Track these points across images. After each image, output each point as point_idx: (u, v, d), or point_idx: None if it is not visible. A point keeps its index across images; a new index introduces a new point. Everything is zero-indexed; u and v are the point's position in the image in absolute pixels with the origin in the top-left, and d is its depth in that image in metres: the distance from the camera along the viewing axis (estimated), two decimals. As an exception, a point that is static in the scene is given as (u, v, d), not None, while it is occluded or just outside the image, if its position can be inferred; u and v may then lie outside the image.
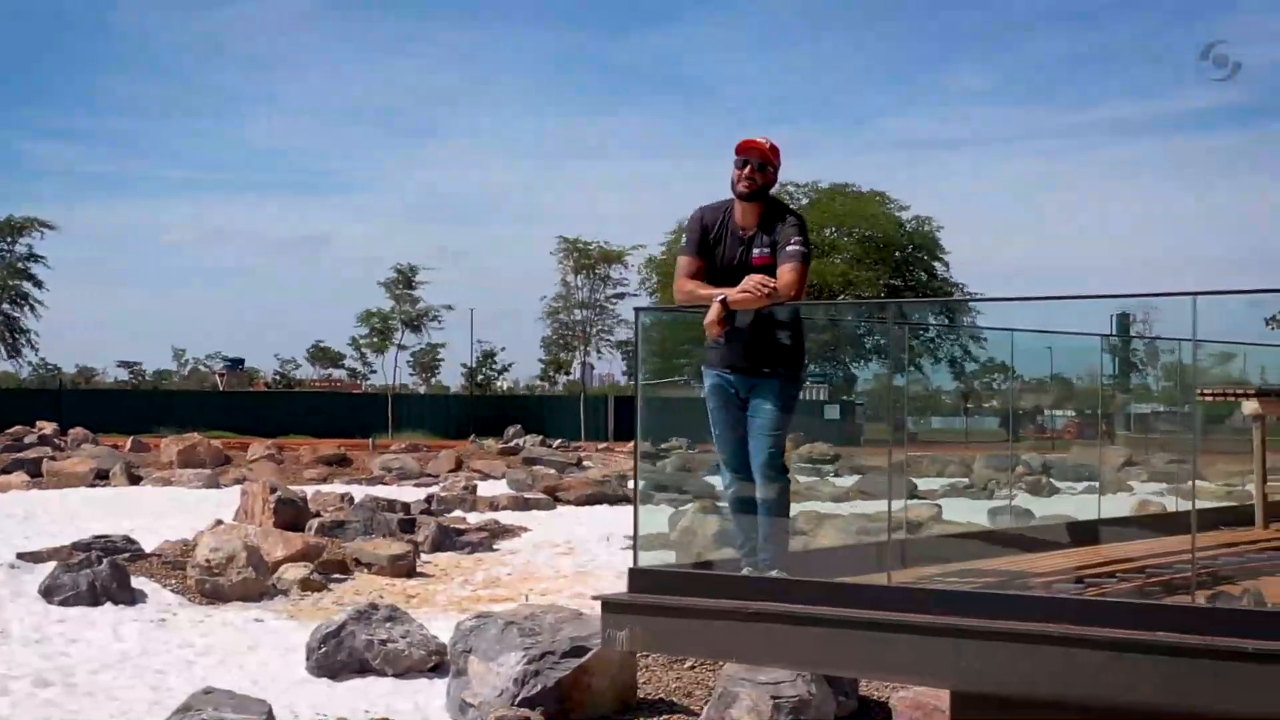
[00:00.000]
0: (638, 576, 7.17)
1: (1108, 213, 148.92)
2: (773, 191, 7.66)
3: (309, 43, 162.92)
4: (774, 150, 7.52)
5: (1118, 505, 14.27)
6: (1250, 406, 9.49)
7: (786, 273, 7.27)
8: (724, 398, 7.61)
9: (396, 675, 11.84)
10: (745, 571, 7.22)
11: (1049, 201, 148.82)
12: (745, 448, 7.55)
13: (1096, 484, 17.93)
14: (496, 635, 10.56)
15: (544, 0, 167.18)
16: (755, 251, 7.43)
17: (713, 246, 7.57)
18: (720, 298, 7.33)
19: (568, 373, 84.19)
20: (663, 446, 49.95)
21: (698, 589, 6.95)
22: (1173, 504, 14.29)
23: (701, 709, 10.52)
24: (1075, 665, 5.66)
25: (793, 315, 7.51)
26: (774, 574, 7.15)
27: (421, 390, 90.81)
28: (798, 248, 7.34)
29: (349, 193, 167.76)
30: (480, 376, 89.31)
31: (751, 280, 7.27)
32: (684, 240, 7.74)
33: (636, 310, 9.00)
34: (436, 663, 12.00)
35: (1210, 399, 9.29)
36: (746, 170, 7.45)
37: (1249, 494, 12.94)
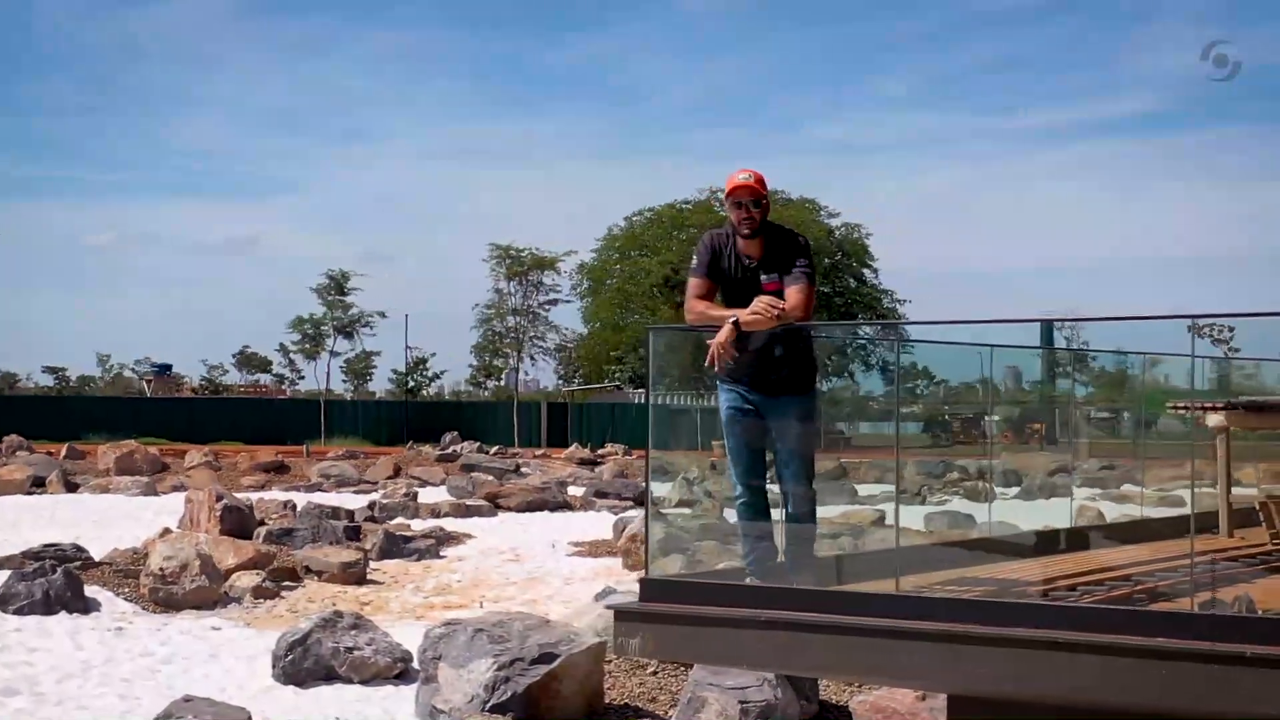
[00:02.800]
0: (650, 586, 7.35)
1: (1032, 217, 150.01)
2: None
3: (231, 44, 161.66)
4: (760, 181, 7.79)
5: (1053, 511, 14.56)
6: (1215, 419, 9.79)
7: (794, 294, 7.56)
8: (741, 410, 7.84)
9: (362, 682, 11.95)
10: (750, 581, 7.43)
11: (974, 207, 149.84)
12: (759, 460, 7.80)
13: (1021, 488, 18.29)
14: (466, 642, 10.71)
15: (469, 3, 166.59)
16: (763, 278, 7.71)
17: (723, 272, 7.83)
18: (733, 320, 7.57)
19: (498, 379, 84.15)
20: (600, 453, 50.14)
21: (708, 598, 7.14)
22: (1109, 510, 14.66)
23: (667, 713, 10.72)
24: (1077, 670, 5.89)
25: (805, 334, 7.78)
26: (805, 583, 7.40)
27: (349, 396, 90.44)
28: (803, 269, 7.63)
29: (275, 197, 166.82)
30: (411, 383, 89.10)
31: (761, 302, 7.53)
32: (694, 263, 7.97)
33: (649, 329, 9.24)
34: (402, 670, 12.13)
35: (1179, 412, 9.56)
36: (744, 212, 7.73)
37: (1182, 500, 13.27)
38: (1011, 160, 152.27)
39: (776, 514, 7.88)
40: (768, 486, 7.92)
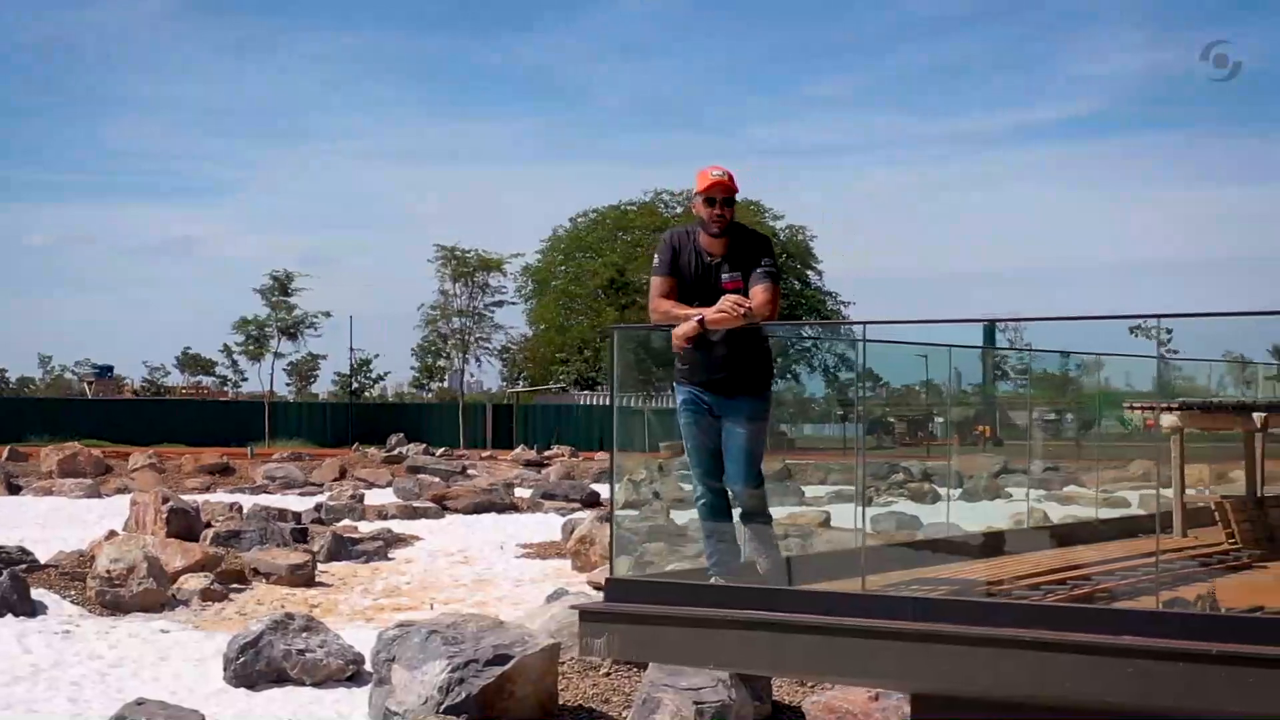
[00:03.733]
0: (616, 586, 7.37)
1: (972, 221, 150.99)
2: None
3: (169, 44, 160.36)
4: (732, 179, 7.81)
5: (997, 511, 14.68)
6: (1170, 419, 9.89)
7: (760, 293, 7.57)
8: (697, 411, 7.85)
9: (315, 685, 11.91)
10: (713, 580, 7.45)
11: (913, 210, 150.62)
12: (718, 460, 7.81)
13: (964, 490, 18.42)
14: (420, 644, 10.69)
15: (408, 4, 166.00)
16: (725, 276, 7.71)
17: (683, 270, 7.83)
18: (698, 317, 7.59)
19: (441, 380, 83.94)
20: (546, 454, 50.07)
21: (675, 597, 7.16)
22: (1054, 511, 14.78)
23: (621, 714, 10.74)
24: (1047, 668, 5.95)
25: (761, 334, 7.79)
26: (771, 580, 7.43)
27: (292, 398, 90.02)
28: (769, 269, 7.66)
29: (215, 197, 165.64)
30: (354, 384, 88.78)
31: (727, 301, 7.55)
32: (655, 262, 7.97)
33: (613, 328, 9.26)
34: (354, 672, 12.10)
35: (1136, 411, 9.67)
36: (716, 210, 7.74)
37: (1126, 500, 13.41)
38: (951, 164, 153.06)
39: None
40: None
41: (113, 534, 19.87)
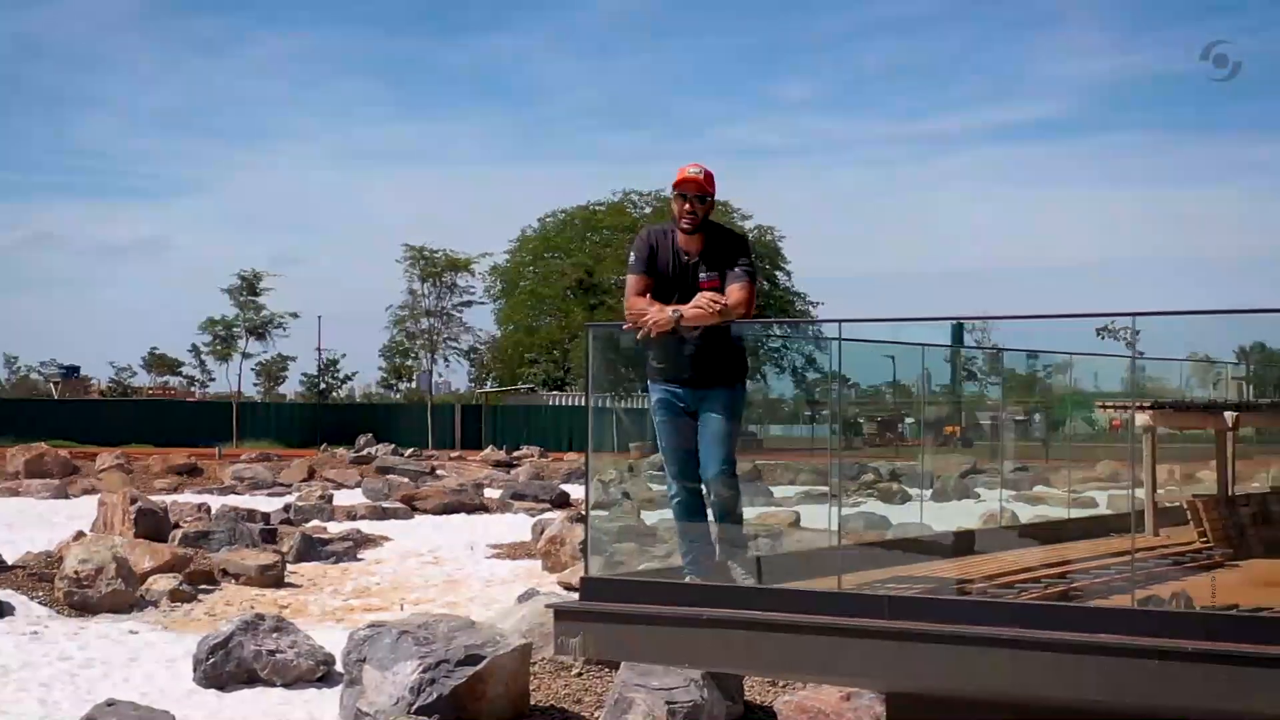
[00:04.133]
0: (591, 585, 7.37)
1: (938, 220, 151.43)
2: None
3: (133, 43, 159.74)
4: (709, 178, 7.82)
5: (967, 511, 14.74)
6: (1142, 419, 9.94)
7: (736, 291, 7.60)
8: (671, 410, 7.85)
9: (285, 685, 11.88)
10: (688, 579, 7.46)
11: (880, 211, 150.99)
12: (693, 459, 7.81)
13: (934, 490, 18.47)
14: (391, 644, 10.67)
15: (375, 5, 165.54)
16: (702, 275, 7.73)
17: (660, 268, 7.84)
18: (675, 314, 7.61)
19: (409, 380, 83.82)
20: (515, 455, 50.01)
21: (651, 597, 7.16)
22: (1023, 511, 14.84)
23: (593, 714, 10.74)
24: (1022, 667, 5.98)
25: (737, 331, 7.81)
26: (740, 577, 7.43)
27: (260, 399, 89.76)
28: (745, 267, 7.69)
29: (182, 198, 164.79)
30: (322, 385, 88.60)
31: (704, 298, 7.57)
32: (632, 259, 7.98)
33: (587, 326, 9.21)
34: (324, 673, 12.08)
35: (1109, 411, 9.73)
36: (687, 206, 7.75)
37: (1094, 500, 13.47)
38: (918, 164, 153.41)
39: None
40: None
41: (81, 535, 19.78)
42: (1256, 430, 12.32)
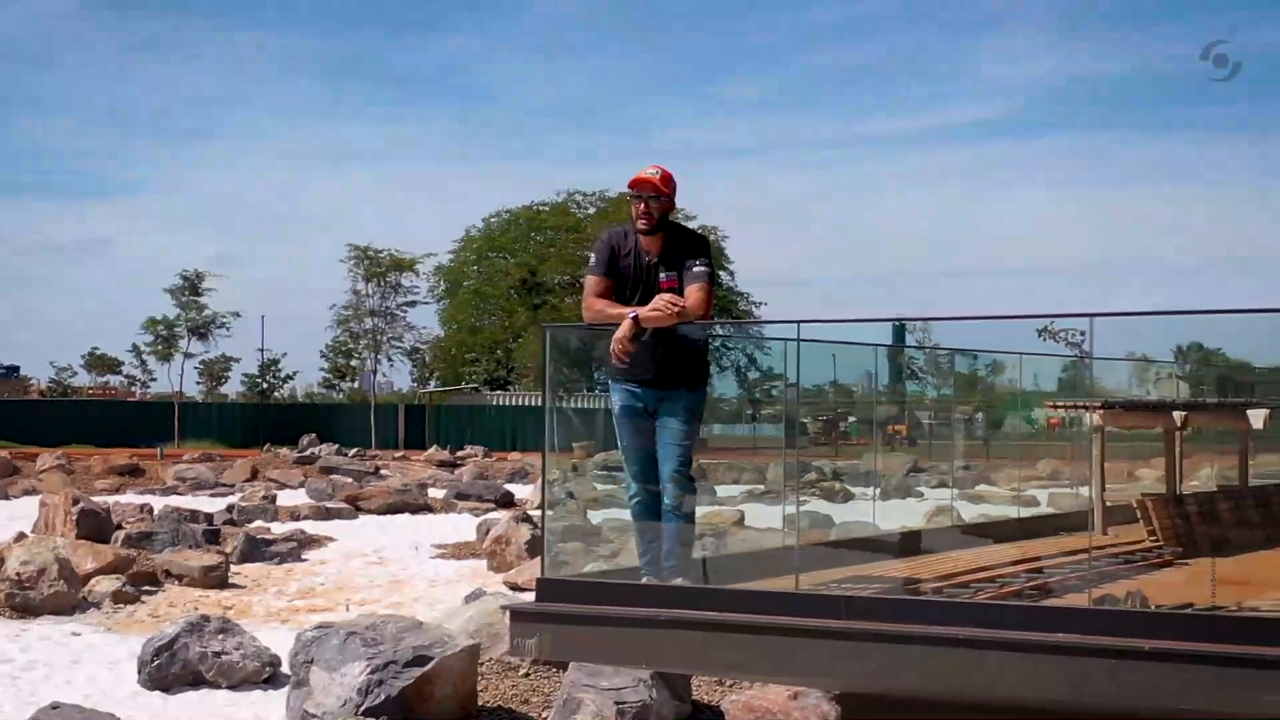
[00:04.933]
0: (547, 586, 7.35)
1: (878, 222, 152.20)
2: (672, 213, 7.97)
3: (75, 41, 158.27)
4: (665, 179, 7.81)
5: (909, 510, 14.80)
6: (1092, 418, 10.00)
7: (694, 292, 7.60)
8: (632, 411, 7.84)
9: (231, 687, 11.80)
10: (645, 580, 7.46)
11: (825, 212, 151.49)
12: (653, 460, 7.81)
13: (879, 489, 18.53)
14: (339, 645, 10.62)
15: (319, 3, 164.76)
16: (662, 276, 7.73)
17: (621, 268, 7.84)
18: (631, 315, 7.61)
19: (351, 380, 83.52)
20: (459, 455, 49.89)
21: (607, 598, 7.16)
22: (966, 510, 14.92)
23: (541, 715, 10.72)
24: (979, 666, 6.00)
25: (698, 332, 7.82)
26: (679, 582, 7.41)
27: (202, 399, 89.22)
28: (704, 269, 7.70)
29: (122, 197, 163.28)
30: (264, 385, 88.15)
31: (661, 300, 7.58)
32: (592, 261, 7.98)
33: (544, 327, 9.20)
34: (270, 674, 12.01)
35: (1056, 410, 9.79)
36: (642, 207, 7.76)
37: (1036, 499, 13.57)
38: (860, 166, 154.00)
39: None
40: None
41: (22, 536, 19.56)
42: (1196, 430, 12.45)
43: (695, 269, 7.71)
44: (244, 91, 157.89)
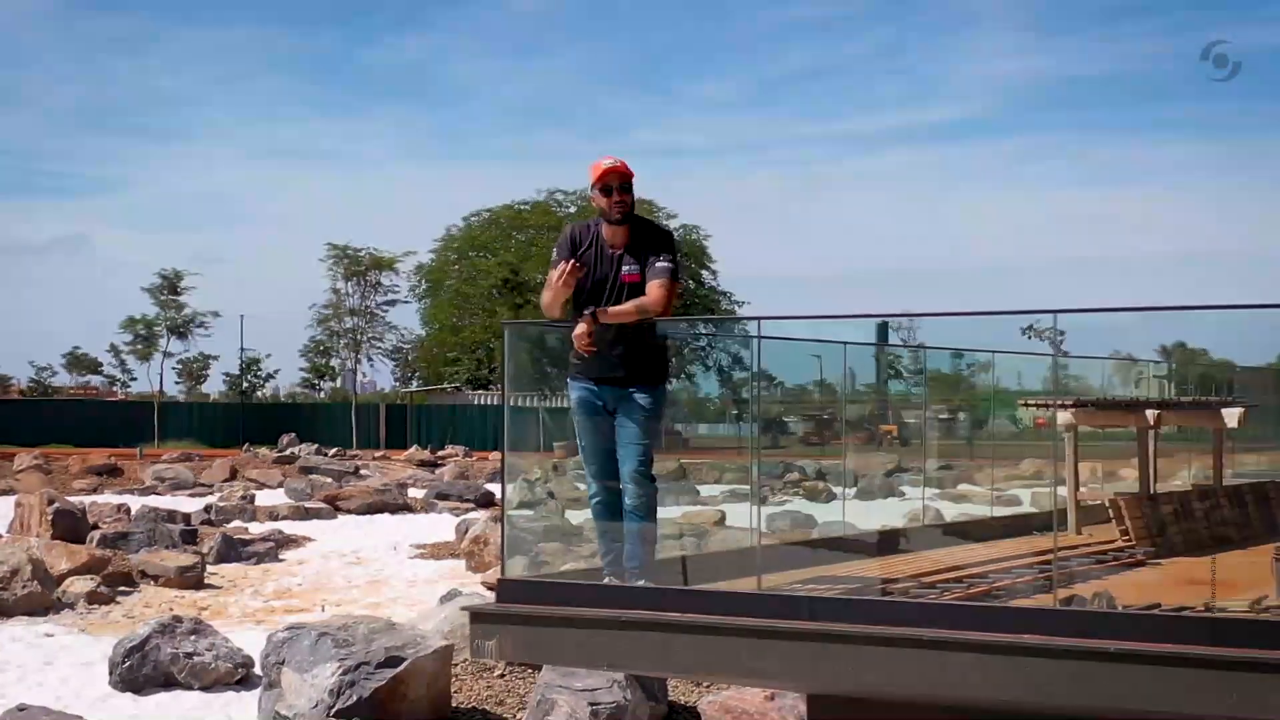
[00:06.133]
0: (507, 587, 7.27)
1: (854, 222, 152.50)
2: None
3: (48, 40, 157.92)
4: (626, 167, 7.70)
5: (891, 510, 14.75)
6: (1064, 417, 9.94)
7: (655, 288, 7.48)
8: (591, 409, 7.74)
9: (203, 688, 11.71)
10: (608, 580, 7.37)
11: (799, 211, 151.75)
12: (612, 458, 7.71)
13: (859, 488, 18.52)
14: (310, 646, 10.53)
15: (289, 2, 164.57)
16: (624, 269, 7.62)
17: (583, 262, 7.72)
18: (588, 311, 7.52)
19: (332, 380, 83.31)
20: (440, 454, 49.78)
21: (568, 598, 7.07)
22: (947, 510, 14.86)
23: (515, 716, 10.65)
24: (944, 667, 5.93)
25: (657, 329, 7.70)
26: (641, 582, 7.32)
27: (182, 398, 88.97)
28: (667, 264, 7.56)
29: (99, 196, 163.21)
30: (245, 384, 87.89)
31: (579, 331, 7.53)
32: (554, 255, 7.89)
33: (504, 324, 9.12)
34: (243, 675, 11.92)
35: (1030, 408, 9.72)
36: (614, 197, 7.64)
37: (1018, 499, 13.51)
38: (837, 164, 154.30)
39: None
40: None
41: (-4, 536, 19.49)
42: (1179, 428, 12.40)
43: (658, 264, 7.59)
44: (220, 89, 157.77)
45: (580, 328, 7.53)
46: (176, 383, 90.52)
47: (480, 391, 75.27)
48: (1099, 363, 11.87)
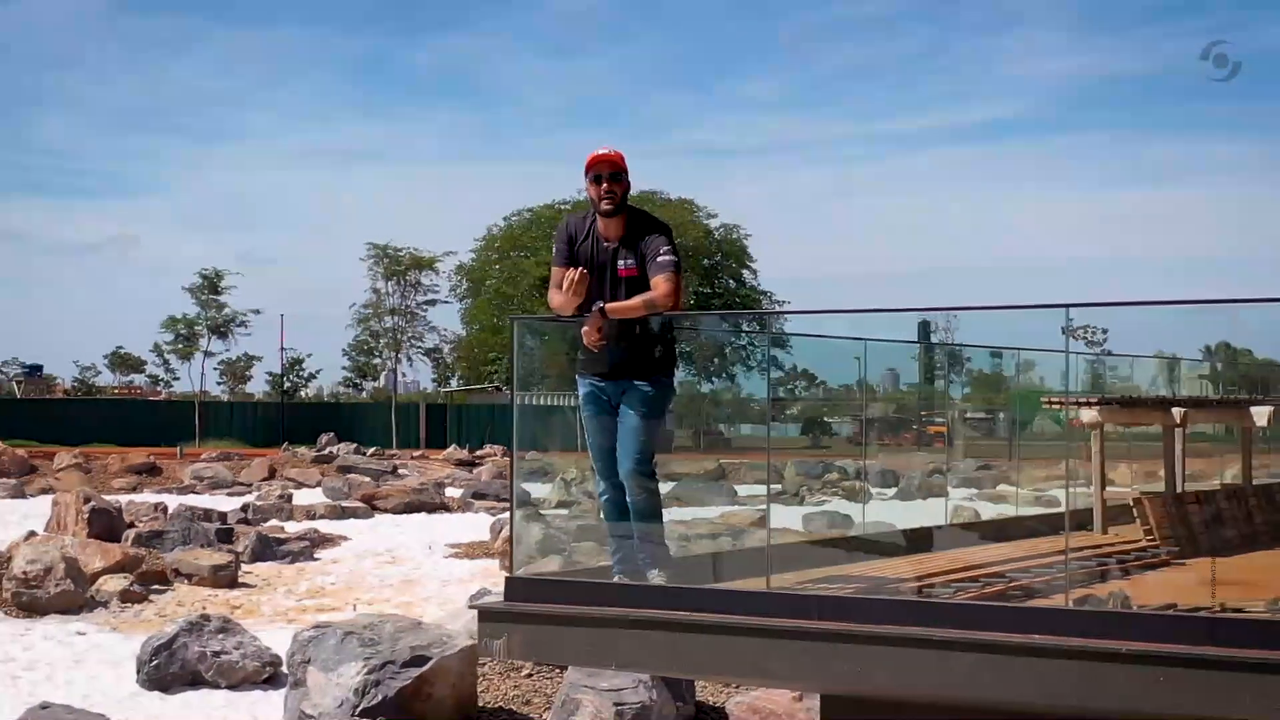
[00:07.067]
0: (515, 585, 7.19)
1: (895, 220, 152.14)
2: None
3: (97, 42, 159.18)
4: (620, 157, 7.50)
5: (930, 510, 14.62)
6: (1089, 415, 9.79)
7: (661, 283, 7.28)
8: (597, 405, 7.58)
9: (230, 687, 11.70)
10: (616, 579, 7.28)
11: (842, 210, 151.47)
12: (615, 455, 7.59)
13: (899, 488, 18.36)
14: (336, 645, 10.49)
15: (334, 3, 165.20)
16: (621, 264, 7.43)
17: (579, 256, 7.57)
18: (597, 307, 7.36)
19: (374, 380, 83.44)
20: (478, 454, 49.81)
21: (576, 597, 6.99)
22: (985, 509, 14.71)
23: (541, 716, 10.59)
24: (949, 668, 5.83)
25: (664, 323, 7.54)
26: (654, 579, 7.20)
27: (225, 398, 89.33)
28: (669, 257, 7.37)
29: (145, 196, 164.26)
30: (287, 384, 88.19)
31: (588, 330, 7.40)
32: (554, 252, 7.77)
33: (512, 320, 9.04)
34: (271, 674, 11.90)
35: (1051, 407, 9.57)
36: (604, 186, 7.43)
37: (1057, 499, 13.35)
38: (875, 163, 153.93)
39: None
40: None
41: (32, 534, 19.50)
42: (1225, 428, 12.24)
43: (660, 259, 7.39)
44: (265, 91, 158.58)
45: (589, 323, 7.40)
46: (219, 382, 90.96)
47: (522, 392, 75.13)
48: (1146, 362, 11.73)
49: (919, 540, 9.53)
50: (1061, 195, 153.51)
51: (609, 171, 7.44)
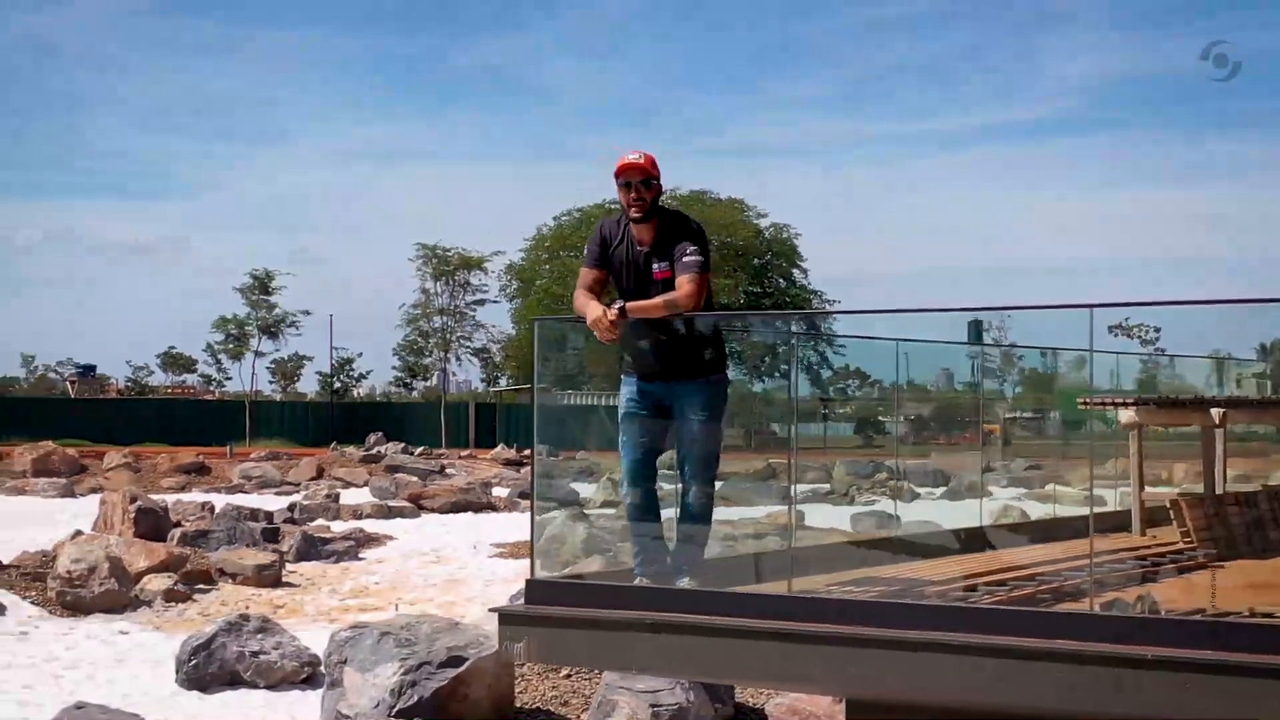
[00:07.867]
0: (535, 588, 7.13)
1: (948, 219, 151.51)
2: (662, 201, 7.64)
3: (149, 43, 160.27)
4: (651, 162, 7.43)
5: (979, 510, 14.49)
6: (1126, 415, 9.66)
7: (685, 283, 7.23)
8: (641, 406, 7.50)
9: (269, 687, 11.71)
10: (639, 582, 7.20)
11: (891, 209, 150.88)
12: (652, 458, 7.51)
13: (948, 488, 18.22)
14: (372, 646, 10.47)
15: (386, 4, 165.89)
16: (655, 266, 7.38)
17: (613, 260, 7.53)
18: (618, 305, 7.31)
19: (425, 379, 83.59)
20: (525, 453, 49.91)
21: (594, 600, 6.93)
22: (1033, 509, 14.55)
23: (578, 717, 10.54)
24: (976, 673, 5.73)
25: (712, 322, 7.51)
26: (684, 583, 7.14)
27: (277, 397, 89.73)
28: (695, 258, 7.30)
29: (196, 197, 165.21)
30: (337, 383, 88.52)
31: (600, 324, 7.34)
32: (585, 253, 7.73)
33: (534, 320, 9.00)
34: (309, 674, 11.90)
35: (1089, 407, 9.41)
36: (633, 194, 7.38)
37: (1104, 499, 13.21)
38: (923, 162, 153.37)
39: (667, 512, 7.59)
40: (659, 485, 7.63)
41: (78, 534, 19.60)
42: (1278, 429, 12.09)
43: (686, 259, 7.33)
44: (314, 91, 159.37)
45: (594, 315, 7.34)
46: (271, 382, 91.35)
47: (569, 391, 75.23)
48: (1199, 362, 11.58)
49: (961, 541, 9.41)
50: (1109, 193, 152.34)
51: (639, 178, 7.38)
